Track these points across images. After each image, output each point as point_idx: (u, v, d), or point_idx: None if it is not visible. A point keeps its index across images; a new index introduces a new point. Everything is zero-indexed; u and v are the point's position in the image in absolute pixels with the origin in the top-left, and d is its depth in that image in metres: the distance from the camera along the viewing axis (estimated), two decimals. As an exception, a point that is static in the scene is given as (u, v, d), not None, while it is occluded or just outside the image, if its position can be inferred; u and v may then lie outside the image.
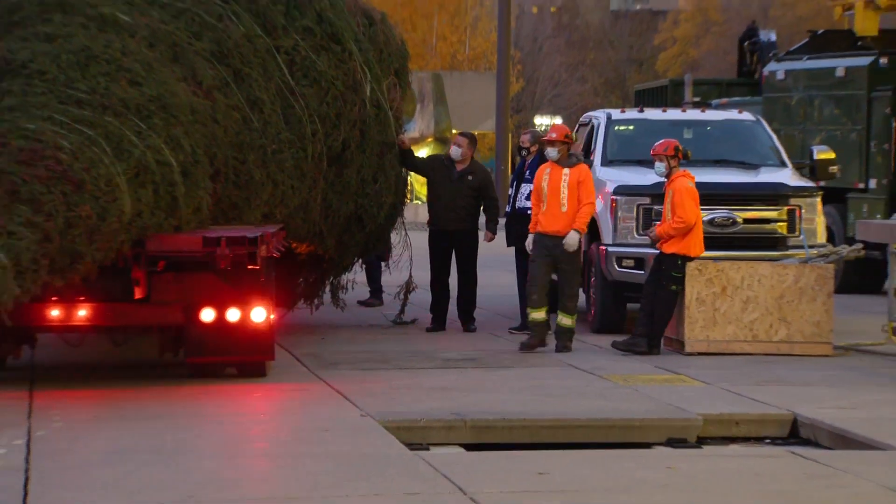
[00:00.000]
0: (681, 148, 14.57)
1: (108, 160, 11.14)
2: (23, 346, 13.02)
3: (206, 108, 12.65)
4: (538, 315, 14.39)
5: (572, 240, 14.18)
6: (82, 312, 12.11)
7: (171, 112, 12.04)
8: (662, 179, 14.61)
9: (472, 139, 16.52)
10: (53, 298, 11.82)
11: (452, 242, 16.06)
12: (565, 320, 14.40)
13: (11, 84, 11.64)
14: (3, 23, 12.59)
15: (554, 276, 14.51)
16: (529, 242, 14.56)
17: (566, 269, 14.38)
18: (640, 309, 14.69)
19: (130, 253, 11.61)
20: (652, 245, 14.76)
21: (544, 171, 14.41)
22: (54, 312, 12.04)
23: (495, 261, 18.93)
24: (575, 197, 14.22)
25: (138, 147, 11.48)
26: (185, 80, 12.68)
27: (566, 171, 14.27)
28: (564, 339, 14.41)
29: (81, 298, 11.99)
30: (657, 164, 14.59)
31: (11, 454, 9.36)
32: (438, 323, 16.25)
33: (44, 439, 9.87)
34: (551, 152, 14.36)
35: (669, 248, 14.29)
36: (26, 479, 8.60)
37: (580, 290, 15.28)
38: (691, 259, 14.32)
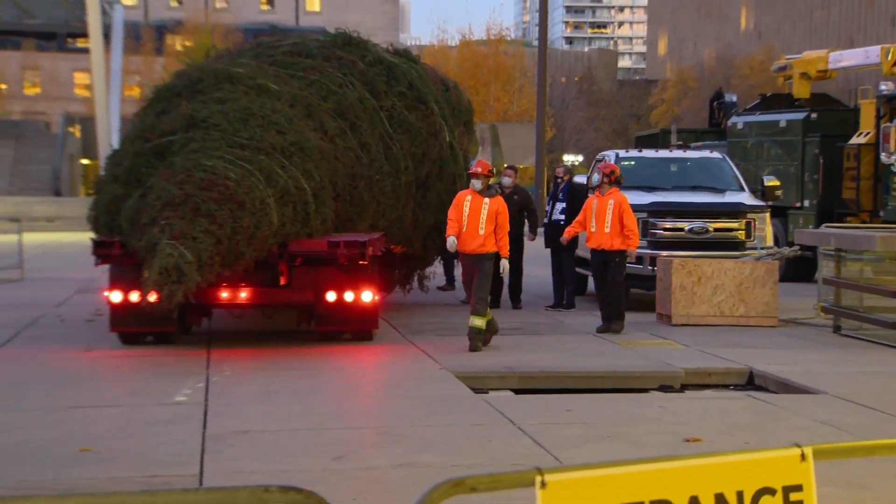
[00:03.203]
0: (618, 173, 13.70)
1: (261, 186, 11.19)
2: (202, 318, 13.15)
3: (330, 149, 12.67)
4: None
5: (506, 269, 12.66)
6: (243, 294, 12.17)
7: (306, 153, 12.08)
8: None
9: (516, 170, 16.49)
10: (223, 284, 11.90)
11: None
12: (476, 321, 12.00)
13: (195, 134, 11.74)
14: (189, 91, 12.72)
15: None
16: (451, 244, 12.19)
17: (480, 278, 12.10)
18: (605, 301, 13.57)
19: (277, 252, 11.68)
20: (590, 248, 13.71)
21: (465, 198, 12.30)
22: (224, 294, 12.12)
23: (535, 258, 18.84)
24: (492, 223, 12.16)
25: (283, 177, 11.52)
26: (316, 130, 12.71)
27: (486, 200, 12.20)
28: (476, 340, 11.96)
29: (243, 284, 12.06)
30: (595, 175, 14.29)
31: (195, 393, 9.43)
32: (494, 302, 16.16)
33: (217, 383, 9.93)
34: (476, 183, 12.21)
35: (619, 247, 13.39)
36: (205, 411, 8.67)
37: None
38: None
